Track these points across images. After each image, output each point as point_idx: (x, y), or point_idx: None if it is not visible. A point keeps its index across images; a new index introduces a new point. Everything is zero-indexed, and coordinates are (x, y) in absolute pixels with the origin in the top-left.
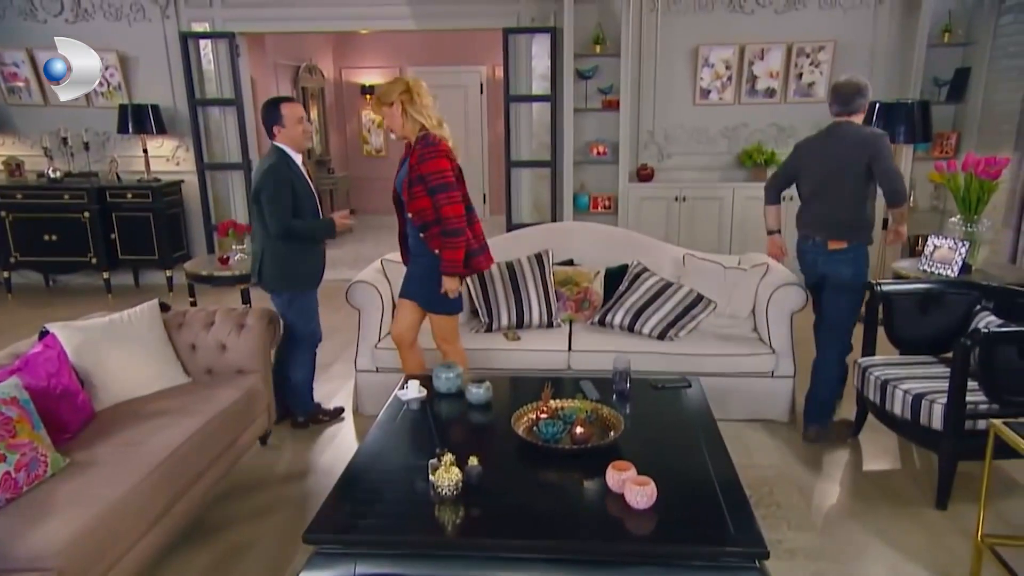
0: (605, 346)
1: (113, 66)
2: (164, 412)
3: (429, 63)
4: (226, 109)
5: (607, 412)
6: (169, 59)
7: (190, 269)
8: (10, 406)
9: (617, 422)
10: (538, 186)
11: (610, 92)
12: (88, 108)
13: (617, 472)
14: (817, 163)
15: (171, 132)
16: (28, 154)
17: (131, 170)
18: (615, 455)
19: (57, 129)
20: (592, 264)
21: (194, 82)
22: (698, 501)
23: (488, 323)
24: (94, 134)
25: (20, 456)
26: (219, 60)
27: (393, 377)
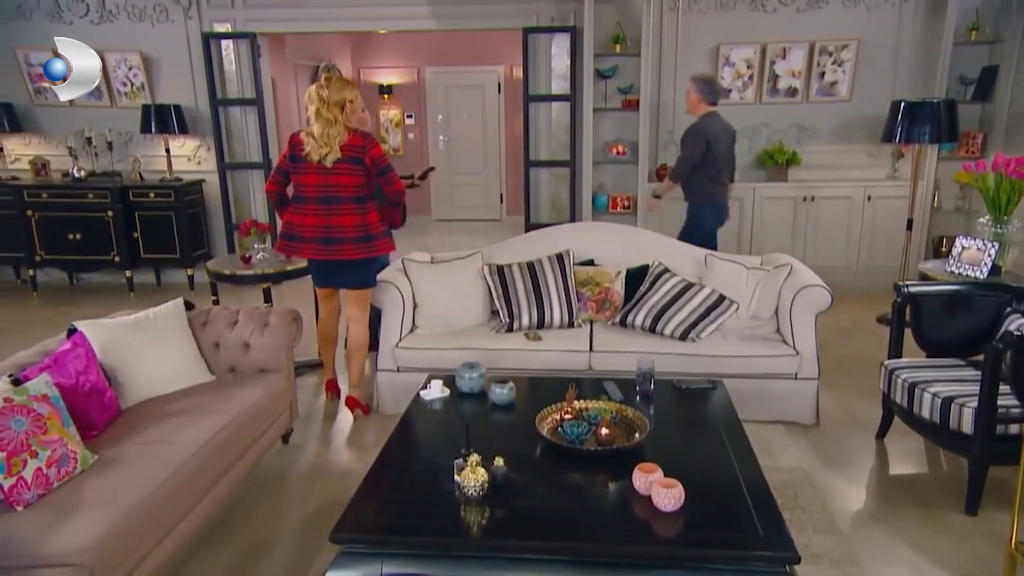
0: (627, 347)
1: (136, 67)
2: (189, 410)
3: (447, 63)
4: (247, 109)
5: (632, 413)
6: (191, 59)
7: (212, 268)
8: (41, 403)
9: (642, 424)
10: (557, 186)
11: (630, 92)
12: (112, 108)
13: (644, 474)
14: (722, 143)
15: (193, 132)
16: (53, 154)
17: (153, 169)
18: (640, 457)
19: (81, 129)
20: (613, 264)
21: (216, 82)
22: (726, 504)
23: (509, 323)
24: (117, 134)
25: (51, 452)
26: (240, 60)
27: (414, 377)
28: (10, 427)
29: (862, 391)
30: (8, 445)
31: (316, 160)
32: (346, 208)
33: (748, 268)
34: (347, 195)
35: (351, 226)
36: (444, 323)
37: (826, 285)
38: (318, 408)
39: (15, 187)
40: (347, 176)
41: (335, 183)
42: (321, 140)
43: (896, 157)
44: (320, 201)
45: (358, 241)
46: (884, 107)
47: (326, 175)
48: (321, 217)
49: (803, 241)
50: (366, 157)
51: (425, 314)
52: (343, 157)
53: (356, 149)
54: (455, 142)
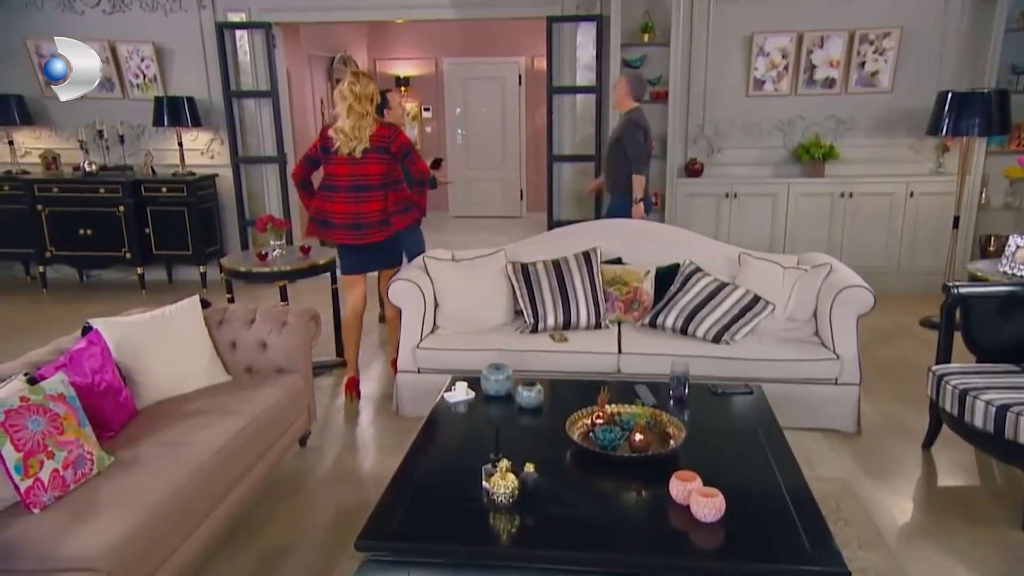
0: (657, 349)
1: (149, 58)
2: (206, 411)
3: (466, 54)
4: (261, 101)
5: (666, 419)
6: (205, 50)
7: (228, 265)
8: (57, 402)
9: (677, 430)
10: (581, 181)
11: (658, 83)
12: (123, 100)
13: (682, 482)
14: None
15: (206, 125)
16: (64, 147)
17: (165, 163)
18: (676, 465)
19: (93, 122)
20: (641, 263)
21: (230, 74)
22: (769, 516)
23: (534, 324)
24: (129, 127)
25: (67, 453)
26: (255, 51)
27: (436, 378)
28: (26, 427)
29: (906, 398)
30: (25, 445)
31: (346, 152)
32: (373, 195)
33: (784, 268)
34: (374, 183)
35: (375, 211)
36: (466, 323)
37: (868, 286)
38: (335, 411)
39: (25, 181)
40: (374, 165)
41: (363, 172)
42: (352, 134)
43: (941, 151)
44: (349, 189)
45: (380, 224)
46: (928, 98)
47: (355, 165)
48: (350, 204)
49: (840, 240)
50: (392, 145)
51: (447, 314)
52: (371, 147)
53: (383, 139)
54: (474, 136)
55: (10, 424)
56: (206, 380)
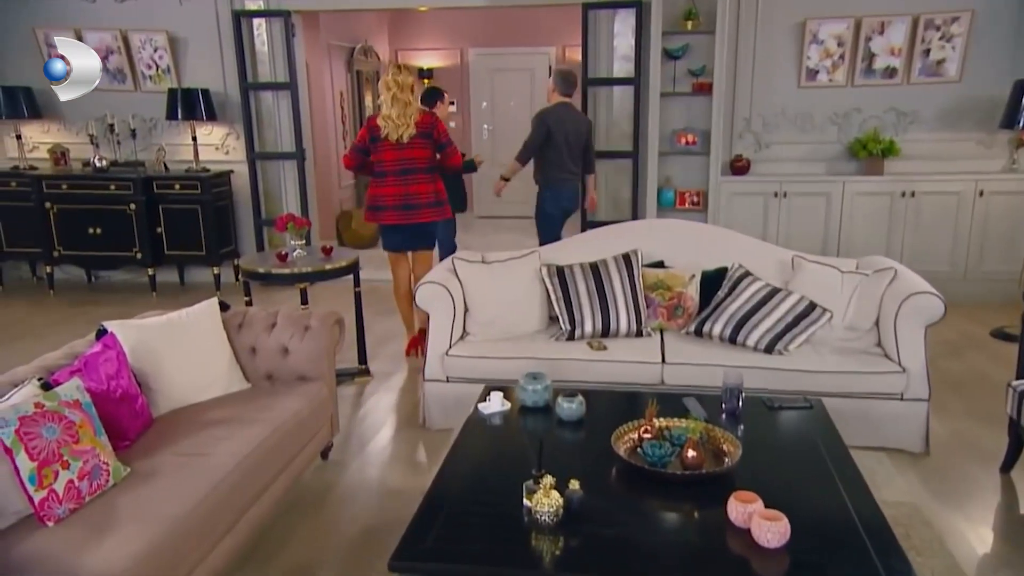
0: (704, 359)
1: (162, 48)
2: (226, 420)
3: (492, 44)
4: (279, 93)
5: (720, 434)
6: (221, 40)
7: (246, 266)
8: (73, 409)
9: (732, 446)
10: (617, 180)
11: (702, 74)
12: (135, 93)
13: (742, 504)
14: (567, 132)
15: (221, 119)
16: (73, 142)
17: (178, 159)
18: (732, 484)
19: (104, 115)
20: (685, 266)
21: (246, 64)
22: (839, 542)
23: (570, 331)
24: (141, 120)
25: (83, 464)
26: (273, 41)
27: (465, 388)
28: (41, 435)
29: (979, 415)
30: (39, 455)
31: (395, 139)
32: (420, 177)
33: (843, 272)
34: (421, 166)
35: (425, 192)
36: (498, 329)
37: (938, 293)
38: (359, 421)
39: (33, 177)
40: (420, 150)
41: (410, 156)
42: (400, 120)
43: (1015, 146)
44: (398, 173)
45: (432, 205)
46: (1000, 89)
47: (402, 150)
48: (400, 187)
49: (900, 242)
50: (434, 132)
51: (477, 319)
52: (417, 133)
53: (426, 125)
54: (500, 131)
55: (24, 432)
56: (225, 387)
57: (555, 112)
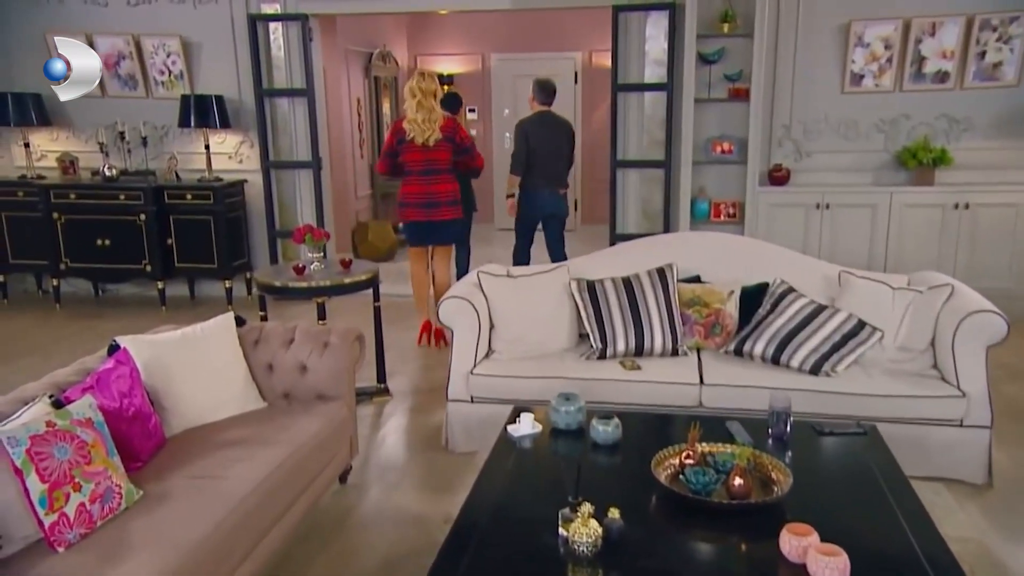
0: (745, 380)
1: (175, 53)
2: (241, 442)
3: (515, 49)
4: (295, 100)
5: (768, 461)
6: (235, 45)
7: (261, 279)
8: (85, 428)
9: (782, 474)
10: (648, 190)
11: (738, 79)
12: (147, 99)
13: (796, 537)
14: (542, 139)
15: (235, 126)
16: (82, 150)
17: (190, 168)
18: (782, 515)
19: (114, 122)
20: (723, 282)
21: (262, 70)
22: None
23: (602, 349)
24: (152, 128)
25: (95, 486)
26: (289, 45)
27: (491, 409)
28: (53, 455)
29: None
30: (51, 476)
31: (420, 142)
32: (442, 178)
33: (894, 289)
34: (443, 167)
35: (446, 192)
36: (525, 347)
37: (1000, 311)
38: (378, 444)
39: (41, 187)
40: (443, 152)
41: (434, 158)
42: (425, 125)
43: None
44: (422, 173)
45: (450, 204)
46: None
47: (427, 152)
48: (424, 186)
49: (953, 257)
50: (456, 136)
51: (503, 336)
52: (441, 137)
53: (449, 130)
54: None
55: (36, 452)
56: (240, 406)
57: (533, 122)
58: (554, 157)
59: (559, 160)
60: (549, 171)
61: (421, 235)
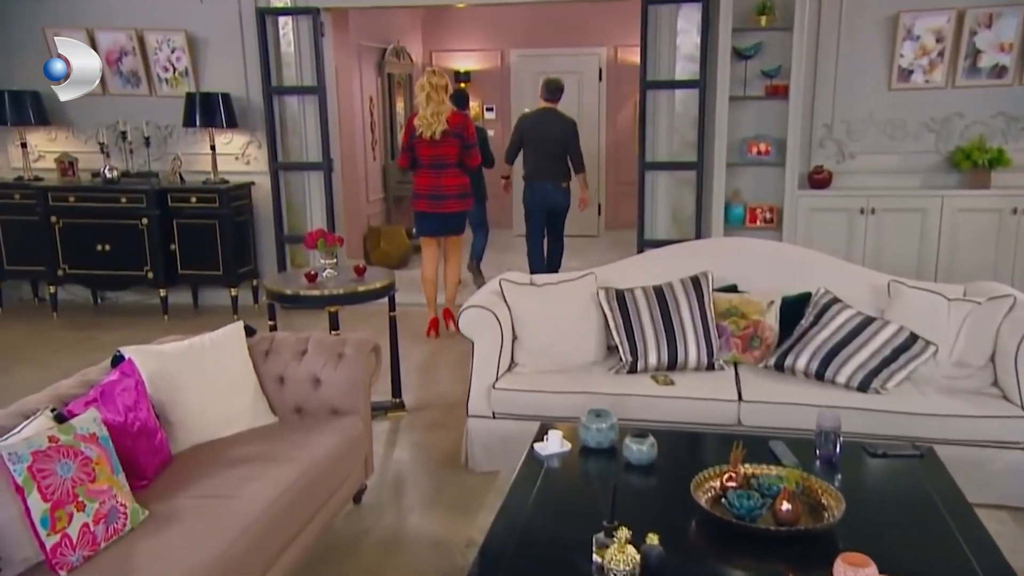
0: (788, 397)
1: (180, 48)
2: (252, 459)
3: (536, 44)
4: (306, 98)
5: (817, 485)
6: (243, 40)
7: (271, 287)
8: (90, 444)
9: (833, 499)
10: (679, 194)
11: (777, 75)
12: (150, 97)
13: (852, 568)
14: (541, 134)
15: (242, 126)
16: (82, 150)
17: (195, 170)
18: (835, 544)
19: (115, 122)
20: (762, 291)
21: (271, 67)
22: None
23: (632, 362)
24: (156, 128)
25: (99, 505)
26: (300, 41)
27: (513, 426)
28: (56, 472)
29: None
30: (53, 495)
31: (428, 136)
32: (450, 172)
33: (949, 300)
34: (451, 161)
35: (453, 185)
36: (550, 360)
37: None
38: (394, 462)
39: (39, 189)
40: (451, 147)
41: (442, 152)
42: (433, 119)
43: None
44: (431, 167)
45: (457, 197)
46: None
47: (435, 147)
48: (432, 179)
49: (1011, 266)
50: (464, 132)
51: (527, 348)
52: (449, 130)
53: (457, 125)
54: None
55: (38, 468)
56: (250, 421)
57: (532, 117)
58: (551, 152)
59: (557, 156)
60: (546, 166)
61: (430, 226)
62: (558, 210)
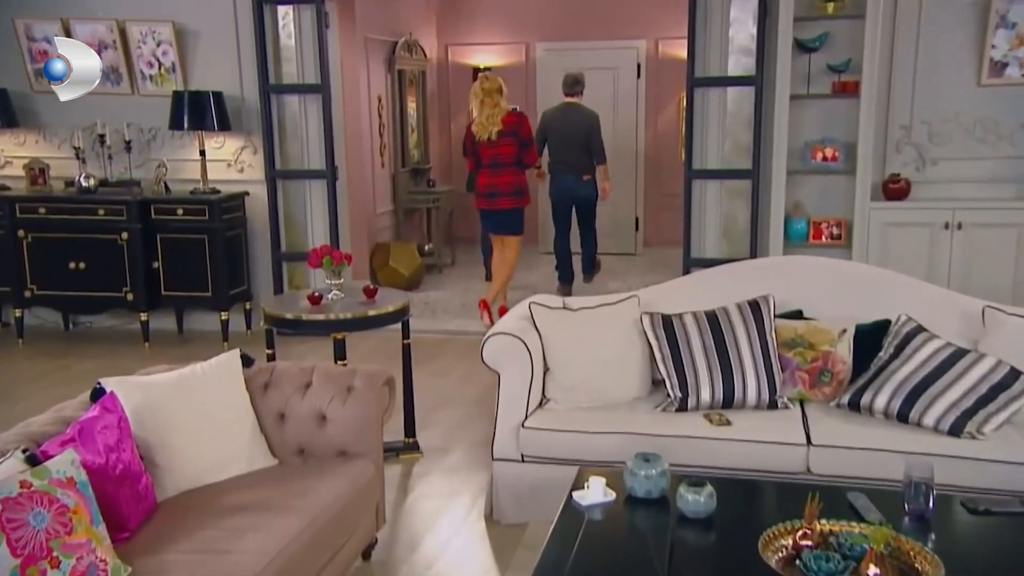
0: (866, 441)
1: (167, 42)
2: (249, 507)
3: (566, 37)
4: (307, 98)
5: (909, 545)
6: (238, 32)
7: (270, 310)
8: (67, 490)
9: (929, 563)
10: (730, 206)
11: (846, 70)
12: (133, 96)
13: None
14: (560, 129)
15: (236, 128)
16: (55, 156)
17: (181, 178)
18: None
19: (93, 124)
20: (833, 318)
21: (269, 63)
22: None
23: (681, 399)
24: (139, 130)
25: (76, 561)
26: (301, 34)
27: (545, 471)
28: (28, 523)
29: None
30: (24, 548)
31: (485, 139)
32: (506, 171)
33: None
34: (507, 161)
35: (508, 183)
36: (587, 395)
37: None
38: (408, 512)
39: (5, 199)
40: (507, 147)
41: (498, 152)
42: (488, 121)
43: None
44: (490, 166)
45: (511, 194)
46: None
47: (493, 148)
48: (489, 178)
49: None
50: (521, 130)
51: (560, 382)
52: (504, 131)
53: (512, 124)
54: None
55: (7, 519)
56: (246, 464)
57: (555, 112)
58: (573, 146)
59: (580, 149)
60: (569, 159)
61: (489, 224)
62: (583, 201)
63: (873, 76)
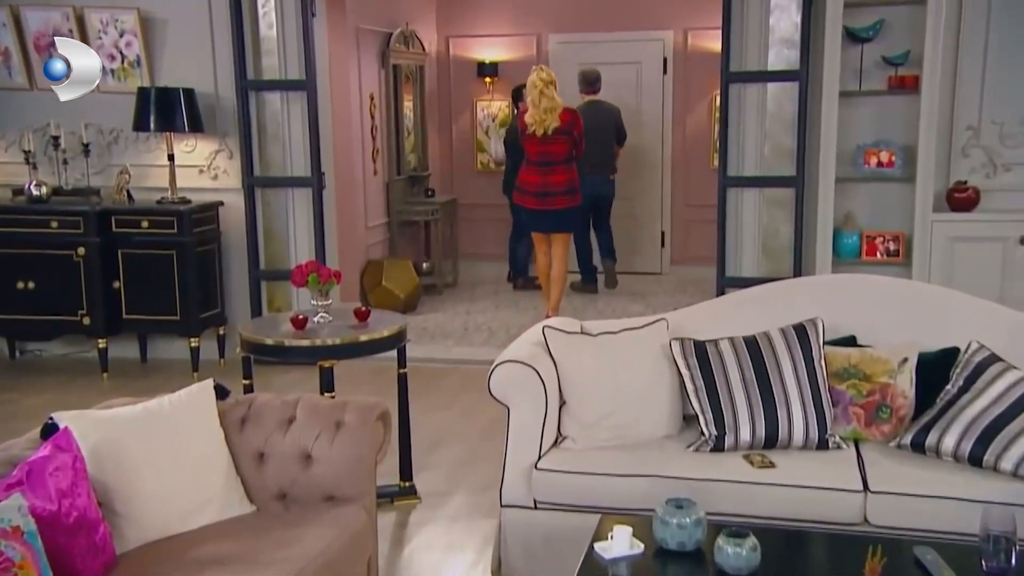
0: (933, 487)
1: (131, 31)
2: (223, 562)
3: (582, 28)
4: (291, 96)
5: None
6: (212, 21)
7: (248, 335)
8: (12, 541)
9: None
10: (771, 217)
11: (903, 64)
12: (92, 94)
13: None
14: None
15: (209, 130)
16: (2, 161)
17: (147, 186)
18: None
19: (45, 124)
20: (891, 345)
21: (247, 55)
22: None
23: (717, 437)
24: (98, 132)
25: None
26: (284, 23)
27: (561, 519)
28: None
29: None
30: None
31: (540, 134)
32: (559, 169)
33: None
34: (559, 159)
35: (561, 182)
36: (609, 432)
37: None
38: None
39: None
40: (559, 145)
41: (550, 150)
42: (547, 115)
43: None
44: (539, 164)
45: (565, 194)
46: None
47: (544, 144)
48: (540, 177)
49: None
50: (575, 128)
51: (579, 417)
52: (559, 128)
53: (567, 123)
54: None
55: None
56: (219, 511)
57: (582, 109)
58: (601, 141)
59: (605, 147)
60: (599, 158)
61: (541, 223)
62: (602, 201)
63: (935, 70)
